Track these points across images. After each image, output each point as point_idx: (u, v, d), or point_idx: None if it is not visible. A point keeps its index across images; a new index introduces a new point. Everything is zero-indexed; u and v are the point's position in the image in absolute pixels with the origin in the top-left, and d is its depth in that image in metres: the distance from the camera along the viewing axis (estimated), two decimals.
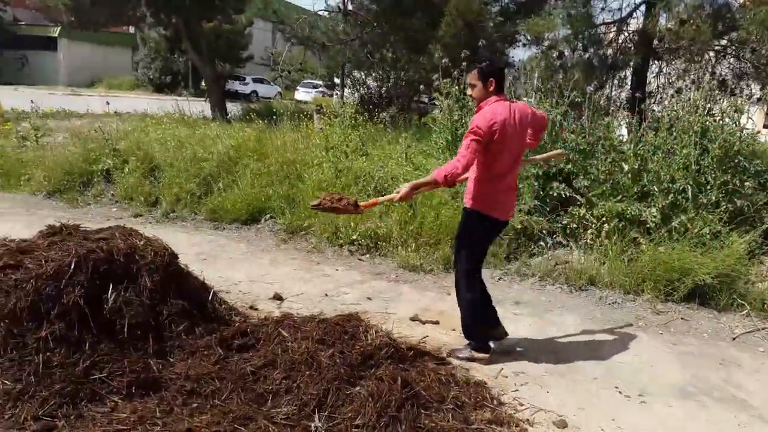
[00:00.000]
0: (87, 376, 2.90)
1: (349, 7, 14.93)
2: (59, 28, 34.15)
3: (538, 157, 4.75)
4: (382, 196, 6.20)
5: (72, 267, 3.03)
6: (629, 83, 10.67)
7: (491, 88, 3.53)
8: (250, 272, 5.25)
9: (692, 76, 8.72)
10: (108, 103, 12.04)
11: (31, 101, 10.49)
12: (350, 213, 3.74)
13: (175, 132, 8.62)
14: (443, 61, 7.18)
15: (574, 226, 5.83)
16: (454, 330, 4.23)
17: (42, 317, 2.94)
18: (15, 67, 39.17)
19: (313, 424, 2.70)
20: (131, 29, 34.36)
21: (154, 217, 6.91)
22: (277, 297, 4.63)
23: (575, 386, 3.53)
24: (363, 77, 15.93)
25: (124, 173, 7.52)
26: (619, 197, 5.81)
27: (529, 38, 11.11)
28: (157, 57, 35.22)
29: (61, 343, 2.92)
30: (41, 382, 2.82)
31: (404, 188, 3.48)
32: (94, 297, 3.06)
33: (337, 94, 19.97)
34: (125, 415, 2.76)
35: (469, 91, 3.70)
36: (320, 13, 16.49)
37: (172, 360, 3.15)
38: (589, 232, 5.69)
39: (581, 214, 5.78)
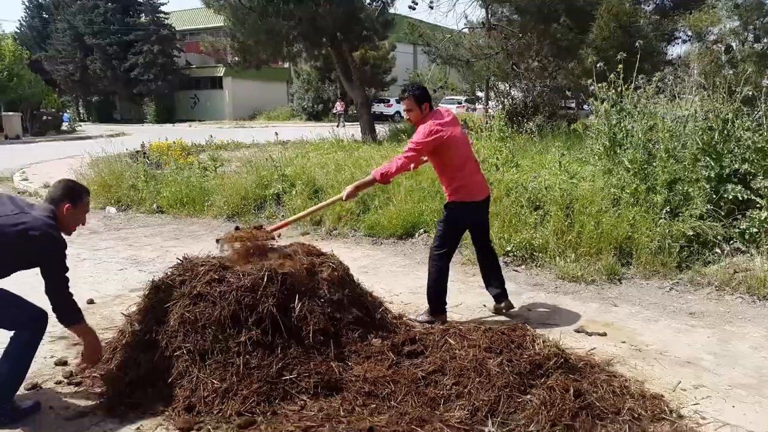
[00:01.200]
0: (279, 377, 3.22)
1: (492, 21, 14.97)
2: (224, 68, 37.78)
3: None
4: (536, 207, 6.15)
5: (265, 280, 3.41)
6: None
7: (426, 111, 4.26)
8: (409, 284, 5.46)
9: None
10: (277, 133, 13.14)
11: (210, 135, 11.74)
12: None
13: (333, 156, 9.21)
14: (598, 64, 6.97)
15: (755, 230, 5.36)
16: (623, 342, 4.09)
17: (241, 324, 3.33)
18: (188, 105, 44.00)
19: (486, 429, 2.78)
20: (286, 64, 37.08)
21: (319, 235, 7.44)
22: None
23: (765, 401, 3.25)
24: (508, 88, 15.85)
25: (292, 196, 8.19)
26: None
27: (689, 34, 10.42)
28: (309, 88, 37.71)
29: (257, 347, 3.29)
30: (242, 381, 3.18)
31: (349, 188, 4.27)
32: (283, 306, 3.42)
33: (480, 108, 19.98)
34: (313, 413, 3.04)
35: (406, 116, 4.42)
36: (463, 31, 16.70)
37: (350, 364, 3.40)
38: None
39: (762, 218, 5.31)
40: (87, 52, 40.72)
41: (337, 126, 28.62)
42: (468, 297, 5.06)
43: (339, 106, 33.57)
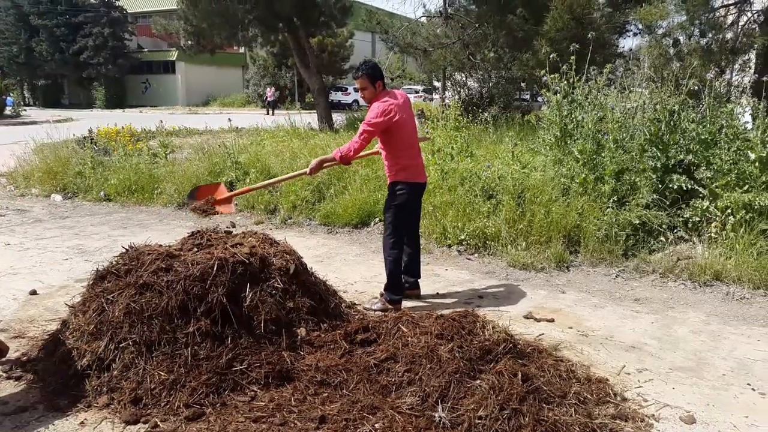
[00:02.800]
0: (229, 367, 3.19)
1: (449, 10, 15.02)
2: (177, 52, 36.87)
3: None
4: (489, 197, 6.23)
5: (215, 269, 3.35)
6: (753, 67, 9.95)
7: (380, 89, 4.35)
8: (363, 273, 5.47)
9: None
10: (230, 120, 12.91)
11: (160, 121, 11.45)
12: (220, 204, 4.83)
13: (289, 144, 9.10)
14: (551, 56, 7.07)
15: (697, 219, 5.56)
16: (571, 328, 4.20)
17: (190, 314, 3.27)
18: (140, 90, 42.78)
19: (437, 415, 2.80)
20: (242, 49, 36.43)
21: (273, 224, 7.36)
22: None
23: (702, 383, 3.40)
24: (464, 79, 15.97)
25: (245, 184, 8.06)
26: (745, 188, 5.48)
27: (640, 27, 10.68)
28: (265, 74, 37.11)
29: (206, 338, 3.24)
30: (190, 373, 3.13)
31: (313, 163, 4.39)
32: (233, 296, 3.37)
33: (436, 97, 20.08)
34: (264, 403, 3.01)
35: (360, 94, 4.52)
36: (421, 19, 16.70)
37: (302, 353, 3.39)
38: (713, 225, 5.41)
39: (704, 207, 5.51)
40: (32, 33, 39.06)
41: (267, 114, 28.22)
42: (421, 285, 5.08)
43: (269, 94, 32.68)
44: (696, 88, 6.42)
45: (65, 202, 8.86)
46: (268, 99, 32.47)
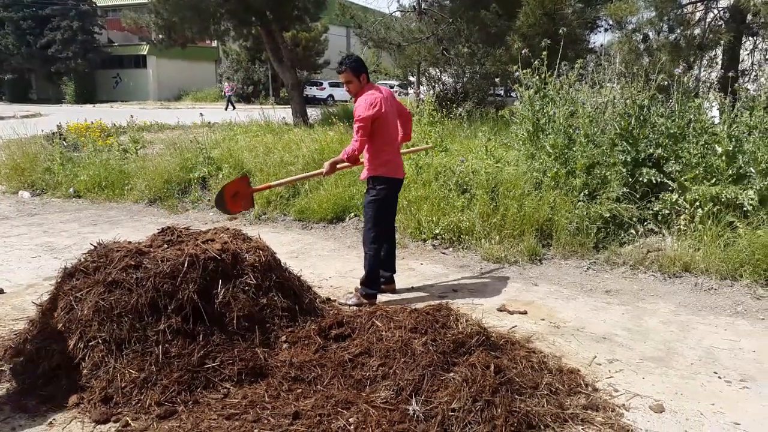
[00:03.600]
0: (201, 365, 3.15)
1: (423, 5, 15.02)
2: (148, 46, 36.21)
3: (405, 151, 5.20)
4: (463, 191, 6.27)
5: (185, 266, 3.31)
6: (720, 63, 10.15)
7: (364, 81, 4.39)
8: (338, 268, 5.46)
9: None
10: (201, 114, 12.76)
11: (131, 116, 11.26)
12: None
13: (263, 139, 9.03)
14: (523, 51, 7.12)
15: (666, 212, 5.66)
16: (543, 319, 4.24)
17: (160, 312, 3.23)
18: (110, 85, 41.97)
19: (411, 408, 2.81)
20: (214, 43, 35.97)
21: (247, 220, 7.30)
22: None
23: (671, 372, 3.47)
24: (438, 74, 15.99)
25: (218, 180, 7.98)
26: (713, 181, 5.59)
27: (611, 23, 10.81)
28: (239, 68, 36.69)
29: (177, 335, 3.20)
30: (161, 371, 3.09)
31: (326, 165, 4.46)
32: (205, 293, 3.33)
33: (411, 92, 20.10)
34: (237, 400, 2.99)
35: (345, 88, 4.55)
36: (395, 14, 16.68)
37: (276, 349, 3.37)
38: (682, 217, 5.51)
39: (673, 200, 5.61)
40: None
41: (226, 109, 27.63)
42: (396, 279, 5.09)
43: (227, 88, 31.33)
44: (665, 83, 6.52)
45: (33, 199, 8.68)
46: (226, 93, 31.07)
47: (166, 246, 3.53)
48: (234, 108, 28.01)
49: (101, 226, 6.99)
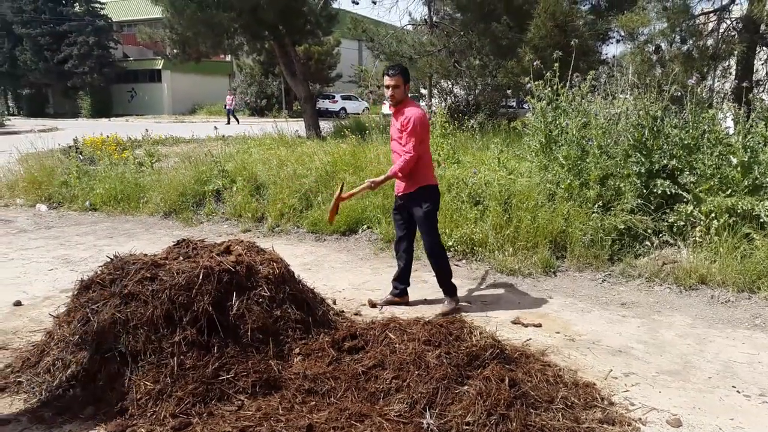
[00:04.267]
0: (216, 377, 3.16)
1: (435, 19, 15.11)
2: (162, 60, 36.67)
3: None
4: (476, 203, 6.25)
5: (200, 278, 3.33)
6: (734, 73, 10.09)
7: (407, 91, 4.48)
8: (352, 280, 5.46)
9: None
10: (216, 128, 12.86)
11: (146, 130, 11.38)
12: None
13: (276, 152, 9.09)
14: (534, 63, 7.13)
15: (682, 223, 5.62)
16: (558, 332, 4.22)
17: (175, 324, 3.25)
18: (125, 99, 42.50)
19: (425, 421, 2.80)
20: (228, 57, 36.34)
21: (261, 232, 7.33)
22: (371, 304, 4.77)
23: (689, 386, 3.42)
24: (450, 86, 16.04)
25: (232, 192, 8.04)
26: (728, 192, 5.55)
27: (622, 34, 10.80)
28: (252, 82, 37.03)
29: (192, 347, 3.22)
30: (176, 383, 3.11)
31: (370, 183, 4.59)
32: (219, 305, 3.35)
33: (423, 104, 20.17)
34: (251, 412, 2.99)
35: (389, 92, 4.45)
36: (406, 27, 16.78)
37: (290, 361, 3.37)
38: (697, 229, 5.47)
39: (689, 211, 5.57)
40: (16, 42, 38.73)
41: (227, 123, 26.91)
42: (409, 292, 5.09)
43: (229, 100, 29.93)
44: (678, 94, 6.50)
45: (50, 212, 8.78)
46: (227, 107, 29.73)
47: (181, 258, 3.56)
48: (238, 122, 27.53)
49: (117, 239, 7.05)
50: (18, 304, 4.75)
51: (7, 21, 38.36)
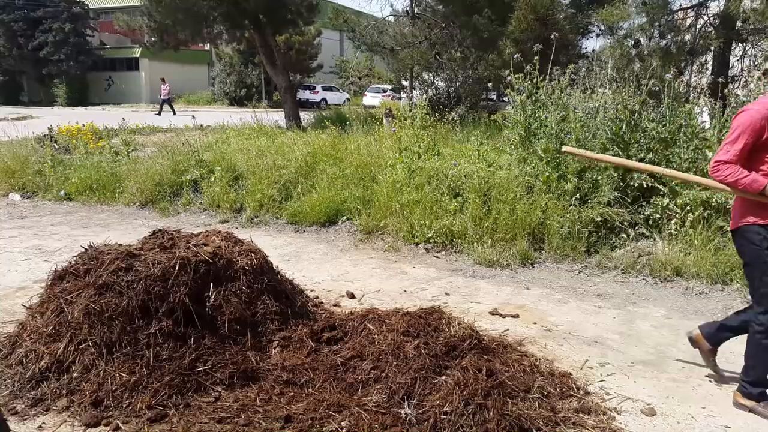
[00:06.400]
0: (192, 368, 3.14)
1: (416, 10, 15.07)
2: (140, 49, 36.05)
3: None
4: (455, 195, 6.27)
5: (177, 268, 3.30)
6: (710, 68, 10.25)
7: None
8: (331, 271, 5.45)
9: None
10: (194, 117, 12.72)
11: (122, 118, 11.21)
12: None
13: (255, 142, 9.02)
14: (515, 56, 7.15)
15: (657, 216, 5.69)
16: (535, 323, 4.25)
17: (151, 315, 3.21)
18: (102, 88, 41.77)
19: (403, 411, 2.81)
20: (207, 46, 35.90)
21: (239, 223, 7.28)
22: (350, 295, 4.76)
23: (662, 376, 3.48)
24: (431, 78, 16.05)
25: (210, 182, 7.96)
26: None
27: (602, 28, 10.89)
28: (232, 72, 36.64)
29: (168, 339, 3.18)
30: (152, 374, 3.07)
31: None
32: (196, 296, 3.32)
33: (404, 97, 20.16)
34: (228, 403, 2.98)
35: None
36: (388, 18, 16.72)
37: (268, 352, 3.36)
38: (673, 222, 5.54)
39: (664, 204, 5.65)
40: None
41: (159, 113, 25.52)
42: (389, 283, 5.11)
43: (164, 90, 27.59)
44: (656, 88, 6.56)
45: (24, 202, 8.62)
46: (162, 96, 27.69)
47: (157, 249, 3.51)
48: (174, 113, 25.67)
49: (92, 229, 6.94)
50: None
51: None
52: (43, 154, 9.53)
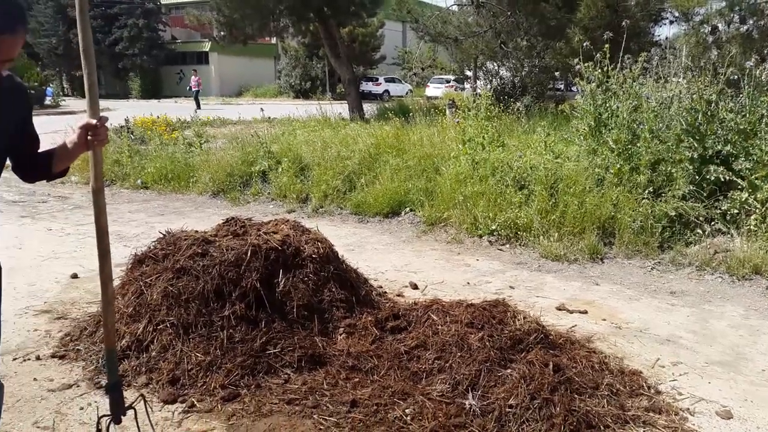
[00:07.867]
0: (263, 350, 3.24)
1: None
2: (210, 43, 37.17)
3: None
4: (521, 187, 6.19)
5: (248, 255, 3.41)
6: None
7: None
8: (394, 262, 5.49)
9: None
10: (262, 110, 13.05)
11: (195, 111, 11.61)
12: None
13: (320, 134, 9.16)
14: (584, 44, 6.96)
15: (735, 211, 5.43)
16: (604, 320, 4.15)
17: (225, 298, 3.34)
18: (174, 81, 43.34)
19: (467, 402, 2.82)
20: (273, 40, 36.60)
21: (305, 213, 7.43)
22: (413, 286, 4.77)
23: (740, 378, 3.33)
24: (496, 68, 15.82)
25: (278, 173, 8.16)
26: None
27: (676, 14, 10.42)
28: (297, 65, 37.28)
29: (241, 322, 3.30)
30: (226, 355, 3.20)
31: None
32: (267, 282, 3.43)
33: (467, 87, 19.95)
34: (297, 386, 3.07)
35: None
36: (452, 8, 16.57)
37: (334, 338, 3.43)
38: (752, 217, 5.28)
39: (743, 199, 5.38)
40: (70, 26, 39.81)
41: (198, 107, 24.88)
42: (452, 275, 5.11)
43: (194, 82, 27.78)
44: (735, 76, 6.24)
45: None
46: (193, 88, 27.82)
47: (230, 236, 3.64)
48: (199, 107, 25.66)
49: (167, 217, 7.25)
50: (75, 276, 4.95)
51: (62, 5, 39.48)
52: (120, 145, 10.00)
